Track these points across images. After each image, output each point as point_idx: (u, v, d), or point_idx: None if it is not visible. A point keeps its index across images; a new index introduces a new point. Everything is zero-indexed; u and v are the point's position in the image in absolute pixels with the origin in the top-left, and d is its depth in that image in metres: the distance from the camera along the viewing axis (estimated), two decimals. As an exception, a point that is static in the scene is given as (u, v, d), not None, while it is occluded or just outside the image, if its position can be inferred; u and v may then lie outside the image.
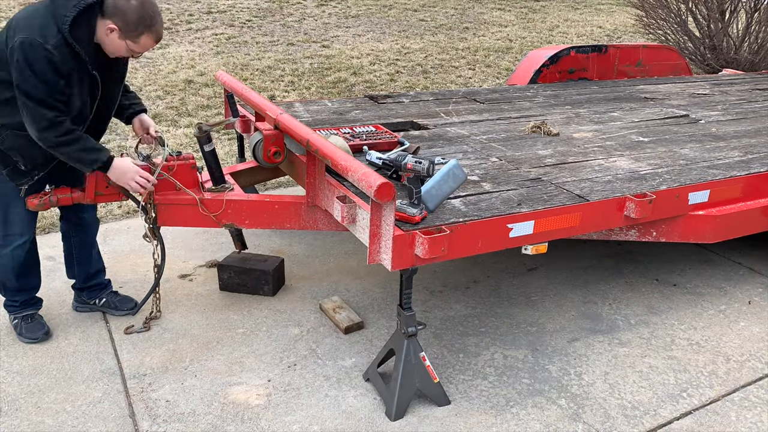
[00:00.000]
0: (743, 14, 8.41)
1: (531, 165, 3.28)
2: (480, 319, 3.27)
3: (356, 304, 3.35)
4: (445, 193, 2.59)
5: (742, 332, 3.23)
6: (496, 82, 8.05)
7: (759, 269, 3.85)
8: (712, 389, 2.81)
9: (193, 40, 8.99)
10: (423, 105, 4.47)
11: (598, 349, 3.06)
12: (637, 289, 3.61)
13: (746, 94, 5.33)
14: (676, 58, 6.18)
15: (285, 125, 2.92)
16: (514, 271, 3.75)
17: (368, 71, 8.06)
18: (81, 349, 2.94)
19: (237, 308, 3.29)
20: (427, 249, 2.37)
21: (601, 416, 2.63)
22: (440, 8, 12.20)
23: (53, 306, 3.25)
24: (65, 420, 2.53)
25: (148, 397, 2.66)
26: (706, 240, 3.21)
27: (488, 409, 2.64)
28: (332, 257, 3.84)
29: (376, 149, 3.21)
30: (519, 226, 2.64)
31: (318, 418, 2.57)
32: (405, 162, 2.46)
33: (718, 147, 3.75)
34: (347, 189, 2.71)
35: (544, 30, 11.05)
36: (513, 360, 2.96)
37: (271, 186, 4.79)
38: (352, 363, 2.90)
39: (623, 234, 3.08)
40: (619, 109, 4.58)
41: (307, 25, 10.21)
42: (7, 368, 2.80)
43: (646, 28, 9.02)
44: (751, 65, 8.19)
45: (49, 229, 4.07)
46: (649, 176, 3.18)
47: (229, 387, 2.73)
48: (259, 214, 2.98)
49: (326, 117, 4.01)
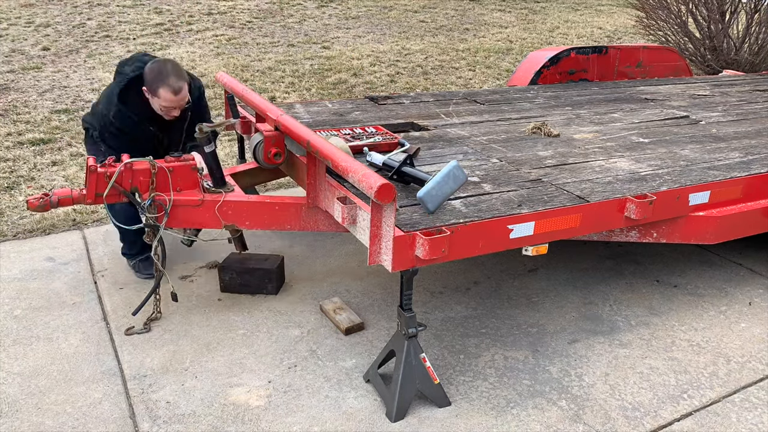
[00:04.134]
0: (743, 15, 8.41)
1: (531, 166, 3.28)
2: (480, 320, 3.27)
3: (357, 305, 3.35)
4: (445, 194, 2.58)
5: (742, 333, 3.23)
6: (496, 83, 8.06)
7: (759, 270, 3.84)
8: (713, 390, 2.81)
9: (193, 41, 9.00)
10: (423, 106, 4.47)
11: (598, 350, 3.06)
12: (637, 290, 3.61)
13: (746, 95, 5.33)
14: (677, 59, 6.18)
15: (285, 126, 2.92)
16: (515, 272, 3.75)
17: (368, 72, 8.06)
18: (81, 350, 2.94)
19: (237, 309, 3.29)
20: (428, 250, 2.37)
21: (602, 417, 2.63)
22: (440, 9, 12.21)
23: (53, 307, 3.26)
24: (65, 421, 2.53)
25: (149, 398, 2.65)
26: (707, 241, 3.21)
27: (489, 410, 2.64)
28: (333, 258, 3.84)
29: (377, 150, 3.21)
30: (519, 227, 2.63)
31: (318, 419, 2.57)
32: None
33: (718, 148, 3.75)
34: (348, 190, 2.71)
35: (545, 31, 11.06)
36: (513, 361, 2.95)
37: (271, 187, 4.79)
38: (353, 364, 2.90)
39: (624, 235, 3.08)
40: (619, 110, 4.58)
41: (307, 27, 10.21)
42: (7, 369, 2.80)
43: (647, 29, 9.02)
44: (751, 66, 8.20)
45: (49, 231, 4.07)
46: (650, 177, 3.18)
47: (230, 388, 2.73)
48: (259, 215, 2.98)
49: (326, 118, 4.01)
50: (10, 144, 5.42)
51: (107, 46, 8.56)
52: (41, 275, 3.55)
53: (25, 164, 5.05)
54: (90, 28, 9.23)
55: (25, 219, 4.19)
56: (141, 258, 3.57)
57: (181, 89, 3.10)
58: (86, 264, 3.68)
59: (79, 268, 3.63)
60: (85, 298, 3.35)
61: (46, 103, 6.48)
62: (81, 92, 6.84)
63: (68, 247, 3.87)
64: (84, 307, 3.27)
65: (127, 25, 9.50)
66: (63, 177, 4.85)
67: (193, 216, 2.94)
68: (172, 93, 3.08)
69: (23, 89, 6.86)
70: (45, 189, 4.62)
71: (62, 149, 5.38)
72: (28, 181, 4.77)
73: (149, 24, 9.59)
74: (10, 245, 3.89)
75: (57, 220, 4.18)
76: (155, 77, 3.06)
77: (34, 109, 6.31)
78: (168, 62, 3.11)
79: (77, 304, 3.29)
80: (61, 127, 5.85)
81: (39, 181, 4.77)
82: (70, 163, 5.10)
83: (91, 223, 4.18)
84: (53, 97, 6.68)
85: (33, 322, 3.14)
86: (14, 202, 4.42)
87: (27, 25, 9.23)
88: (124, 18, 9.81)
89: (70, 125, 5.91)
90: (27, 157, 5.19)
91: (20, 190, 4.61)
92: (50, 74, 7.37)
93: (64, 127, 5.87)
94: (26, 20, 9.47)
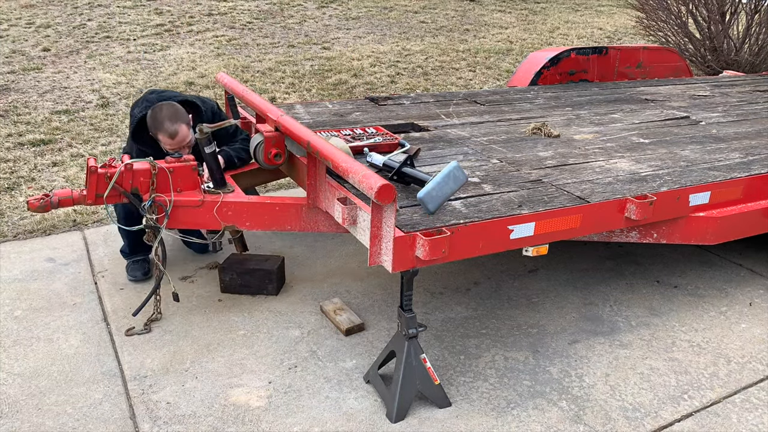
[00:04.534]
0: (743, 16, 8.41)
1: (531, 167, 3.28)
2: (481, 320, 3.27)
3: (357, 305, 3.35)
4: (445, 194, 2.58)
5: (743, 334, 3.23)
6: (496, 83, 8.06)
7: (760, 271, 3.84)
8: (713, 391, 2.81)
9: (193, 42, 9.00)
10: (424, 107, 4.47)
11: (598, 350, 3.06)
12: (637, 290, 3.60)
13: (747, 95, 5.33)
14: (677, 60, 6.19)
15: (286, 127, 2.92)
16: (515, 272, 3.75)
17: (369, 73, 8.07)
18: (82, 351, 2.94)
19: (237, 310, 3.29)
20: (428, 251, 2.37)
21: (602, 418, 2.63)
22: (441, 10, 12.21)
23: (54, 308, 3.26)
24: (66, 422, 2.53)
25: (149, 399, 2.65)
26: (707, 241, 3.21)
27: (489, 410, 2.64)
28: (333, 259, 3.84)
29: (377, 151, 3.21)
30: (520, 228, 2.63)
31: (319, 420, 2.57)
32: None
33: (718, 148, 3.75)
34: (348, 191, 2.71)
35: (545, 32, 11.06)
36: (514, 362, 2.95)
37: (272, 188, 4.79)
38: (353, 365, 2.90)
39: (624, 236, 3.08)
40: (619, 111, 4.58)
41: (307, 27, 10.22)
42: (8, 370, 2.81)
43: (647, 30, 9.02)
44: (751, 67, 8.20)
45: (50, 231, 4.07)
46: (650, 178, 3.18)
47: (230, 389, 2.73)
48: (260, 215, 2.98)
49: (327, 119, 4.01)
50: (10, 145, 5.43)
51: (107, 46, 8.57)
52: (42, 276, 3.55)
53: (25, 165, 5.05)
54: (90, 29, 9.23)
55: (25, 220, 4.19)
56: (136, 259, 3.57)
57: (176, 133, 3.13)
58: (86, 265, 3.69)
59: (79, 269, 3.63)
60: (85, 298, 3.35)
61: (46, 104, 6.48)
62: (81, 93, 6.84)
63: (69, 247, 3.87)
64: (84, 308, 3.27)
65: (127, 25, 9.51)
66: (63, 178, 4.85)
67: (193, 217, 2.94)
68: (169, 137, 3.14)
69: (24, 90, 6.86)
70: (45, 190, 4.62)
71: (62, 150, 5.38)
72: (29, 182, 4.77)
73: (150, 25, 9.59)
74: (11, 246, 3.89)
75: (57, 220, 4.18)
76: (152, 124, 3.15)
77: (35, 109, 6.32)
78: (164, 107, 3.15)
79: (77, 305, 3.29)
80: (62, 128, 5.85)
81: (39, 182, 4.77)
82: (70, 163, 5.10)
83: (92, 224, 4.18)
84: (53, 97, 6.68)
85: (33, 322, 3.14)
86: (15, 202, 4.42)
87: (27, 26, 9.23)
88: (124, 19, 9.81)
89: (70, 126, 5.92)
90: (27, 157, 5.19)
91: (21, 191, 4.61)
92: (50, 75, 7.37)
93: (65, 127, 5.87)
94: (27, 21, 9.48)
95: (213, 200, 2.93)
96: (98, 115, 6.21)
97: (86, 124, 5.98)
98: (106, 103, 6.56)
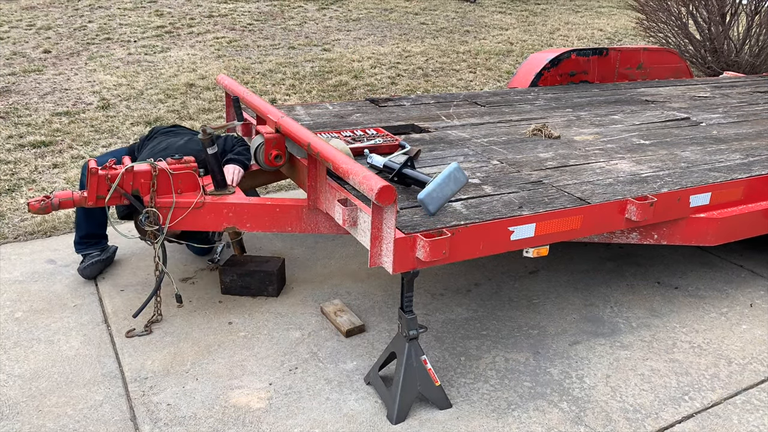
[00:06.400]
0: (744, 17, 8.41)
1: (532, 168, 3.28)
2: (481, 322, 3.27)
3: (357, 307, 3.35)
4: (446, 195, 2.58)
5: (743, 335, 3.23)
6: (497, 85, 8.06)
7: (761, 272, 3.84)
8: (714, 392, 2.81)
9: (194, 43, 9.01)
10: (424, 108, 4.47)
11: (599, 351, 3.06)
12: (638, 291, 3.60)
13: (747, 96, 5.33)
14: (677, 61, 6.19)
15: (286, 128, 2.93)
16: (516, 274, 3.75)
17: (369, 74, 8.07)
18: (82, 352, 2.94)
19: (238, 311, 3.29)
20: (429, 252, 2.37)
21: (603, 419, 2.62)
22: (441, 11, 12.22)
23: (54, 309, 3.26)
24: (66, 424, 2.53)
25: (150, 401, 2.65)
26: (708, 243, 3.21)
27: (490, 412, 2.64)
28: (333, 260, 3.84)
29: (377, 152, 3.21)
30: (520, 229, 2.63)
31: (319, 421, 2.57)
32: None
33: (719, 149, 3.75)
34: (348, 192, 2.71)
35: (545, 33, 11.06)
36: (514, 363, 2.95)
37: (272, 189, 4.80)
38: (354, 366, 2.89)
39: (624, 237, 3.08)
40: (620, 112, 4.58)
41: (308, 29, 10.22)
42: (8, 372, 2.80)
43: (647, 31, 9.02)
44: (751, 68, 8.20)
45: (50, 233, 4.07)
46: (651, 179, 3.18)
47: (231, 390, 2.72)
48: (260, 217, 2.98)
49: (327, 120, 4.01)
50: (11, 146, 5.43)
51: (108, 48, 8.57)
52: (42, 277, 3.55)
53: (26, 167, 5.05)
54: (91, 31, 9.24)
55: (26, 221, 4.20)
56: (90, 259, 3.52)
57: None
58: (87, 266, 3.68)
59: (80, 271, 3.63)
60: (85, 300, 3.35)
61: (47, 106, 6.48)
62: (82, 95, 6.85)
63: (69, 249, 3.86)
64: (85, 310, 3.27)
65: (128, 27, 9.52)
66: (64, 179, 4.85)
67: (194, 218, 2.94)
68: None
69: (24, 92, 6.87)
70: (46, 191, 4.63)
71: (63, 152, 5.38)
72: (29, 184, 4.77)
73: (150, 26, 9.60)
74: (11, 247, 3.89)
75: (58, 222, 4.18)
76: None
77: (35, 111, 6.32)
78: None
79: (78, 307, 3.29)
80: (62, 130, 5.85)
81: (40, 184, 4.77)
82: (71, 165, 5.10)
83: (92, 226, 4.18)
84: (54, 99, 6.69)
85: (34, 324, 3.14)
86: (15, 204, 4.43)
87: (28, 28, 9.24)
88: (125, 21, 9.82)
89: (71, 128, 5.92)
90: (28, 159, 5.20)
91: (21, 193, 4.61)
92: (51, 77, 7.38)
93: (65, 129, 5.88)
94: (27, 23, 9.49)
95: (214, 202, 2.93)
96: (99, 117, 6.21)
97: (87, 126, 5.98)
98: (106, 104, 6.57)
